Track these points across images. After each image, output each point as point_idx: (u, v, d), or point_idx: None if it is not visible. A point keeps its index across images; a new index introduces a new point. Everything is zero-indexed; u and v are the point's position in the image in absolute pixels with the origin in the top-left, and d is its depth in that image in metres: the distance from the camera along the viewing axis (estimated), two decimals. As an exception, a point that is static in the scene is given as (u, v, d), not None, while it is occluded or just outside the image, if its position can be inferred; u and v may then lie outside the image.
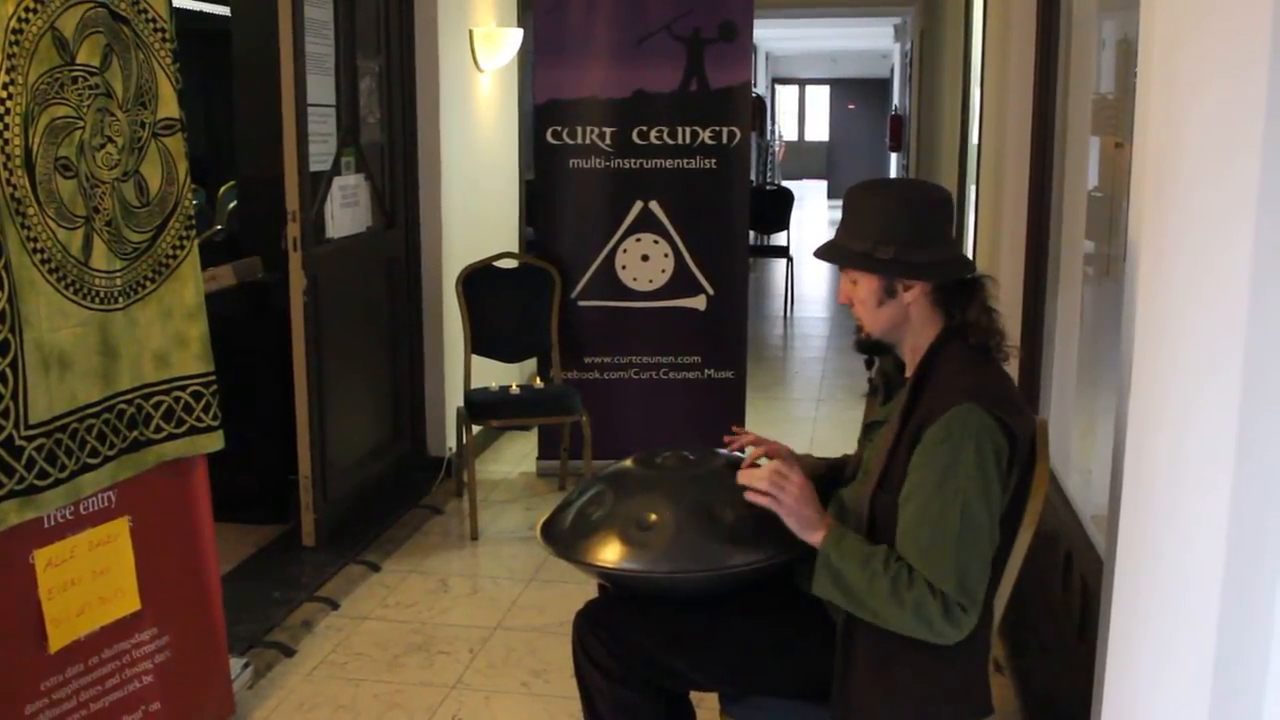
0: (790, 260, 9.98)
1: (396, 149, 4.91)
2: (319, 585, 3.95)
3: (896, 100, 16.82)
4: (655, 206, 4.99)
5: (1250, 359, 1.14)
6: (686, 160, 4.97)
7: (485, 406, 4.61)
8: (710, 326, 5.08)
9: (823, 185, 22.66)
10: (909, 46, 13.54)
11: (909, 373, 2.21)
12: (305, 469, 4.20)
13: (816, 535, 2.09)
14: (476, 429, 4.78)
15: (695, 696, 2.40)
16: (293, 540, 4.27)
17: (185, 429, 2.78)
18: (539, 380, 5.05)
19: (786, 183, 14.63)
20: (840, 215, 2.26)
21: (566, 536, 2.26)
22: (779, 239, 11.14)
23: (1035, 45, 3.67)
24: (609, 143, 4.96)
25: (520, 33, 5.71)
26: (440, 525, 4.65)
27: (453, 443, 5.05)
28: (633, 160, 4.97)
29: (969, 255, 3.49)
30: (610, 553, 2.17)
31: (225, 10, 5.06)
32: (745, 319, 5.22)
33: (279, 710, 3.19)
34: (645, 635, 2.23)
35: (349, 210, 4.58)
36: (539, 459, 5.25)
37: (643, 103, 4.94)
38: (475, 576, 4.19)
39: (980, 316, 2.14)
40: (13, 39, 2.26)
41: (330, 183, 4.40)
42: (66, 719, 2.53)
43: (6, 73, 2.25)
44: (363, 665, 3.45)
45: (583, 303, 5.05)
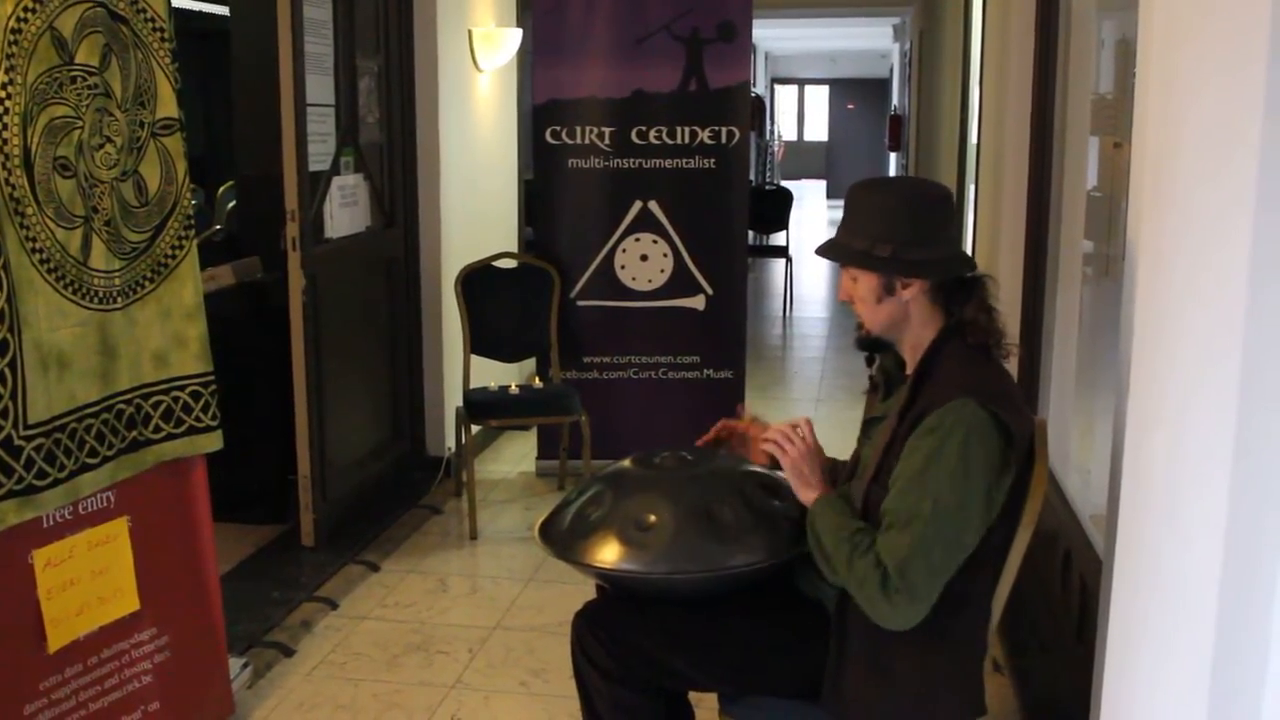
0: (789, 260, 9.98)
1: (395, 149, 4.91)
2: (318, 585, 3.95)
3: (896, 100, 16.82)
4: (654, 206, 4.99)
5: (1248, 358, 1.14)
6: (685, 160, 4.97)
7: (484, 406, 4.61)
8: (709, 326, 5.08)
9: (822, 185, 22.65)
10: (908, 46, 13.54)
11: (909, 370, 2.22)
12: (304, 469, 4.20)
13: (810, 494, 2.18)
14: (475, 429, 4.78)
15: (694, 696, 2.40)
16: (292, 540, 4.27)
17: (184, 429, 2.78)
18: (538, 380, 5.05)
19: (785, 183, 14.62)
20: (841, 214, 2.26)
21: (565, 537, 2.26)
22: (778, 239, 11.14)
23: (1034, 45, 3.68)
24: (608, 143, 4.96)
25: (519, 33, 5.71)
26: (439, 525, 4.65)
27: (452, 442, 5.05)
28: (632, 160, 4.97)
29: (969, 255, 3.49)
30: (609, 553, 2.17)
31: (224, 10, 5.06)
32: (744, 319, 5.21)
33: (278, 710, 3.19)
34: (644, 635, 2.24)
35: (348, 210, 4.58)
36: (538, 459, 5.25)
37: (642, 103, 4.94)
38: (474, 576, 4.19)
39: (979, 315, 2.14)
40: (11, 39, 2.26)
41: (329, 182, 4.39)
42: (65, 719, 2.53)
43: (5, 72, 2.25)
44: (362, 665, 3.45)
45: (582, 302, 5.05)
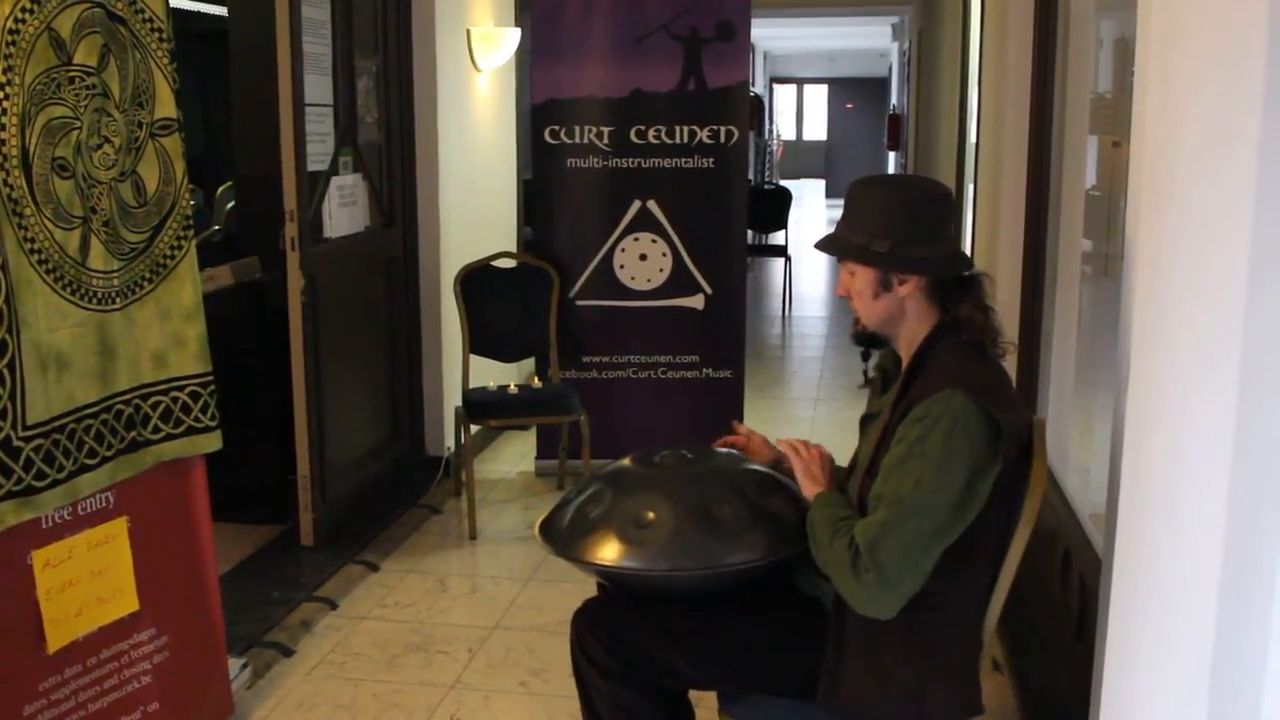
0: (788, 259, 9.98)
1: (394, 148, 4.91)
2: (318, 585, 3.94)
3: (894, 99, 16.82)
4: (653, 206, 4.99)
5: (1247, 357, 1.13)
6: (684, 159, 4.97)
7: (483, 406, 4.61)
8: (708, 326, 5.08)
9: (821, 184, 22.66)
10: (907, 46, 13.54)
11: (904, 366, 2.23)
12: (304, 469, 4.20)
13: (813, 489, 2.23)
14: (475, 428, 4.78)
15: (694, 695, 2.40)
16: (291, 540, 4.27)
17: (183, 429, 2.78)
18: (537, 380, 5.05)
19: (784, 182, 14.62)
20: (840, 213, 2.27)
21: (565, 535, 2.27)
22: (777, 238, 11.13)
23: (1033, 44, 3.68)
24: (607, 142, 4.96)
25: (518, 32, 5.71)
26: (439, 525, 4.65)
27: (451, 442, 5.05)
28: (631, 159, 4.97)
29: (967, 253, 3.49)
30: (608, 551, 2.18)
31: (222, 10, 5.06)
32: (743, 318, 5.21)
33: (278, 710, 3.19)
34: (644, 634, 2.24)
35: (347, 210, 4.57)
36: (537, 458, 5.25)
37: (641, 102, 4.94)
38: (474, 576, 4.19)
39: (975, 313, 2.15)
40: (9, 39, 2.25)
41: (328, 182, 4.39)
42: (65, 719, 2.53)
43: (3, 73, 2.25)
44: (361, 665, 3.45)
45: (581, 302, 5.05)
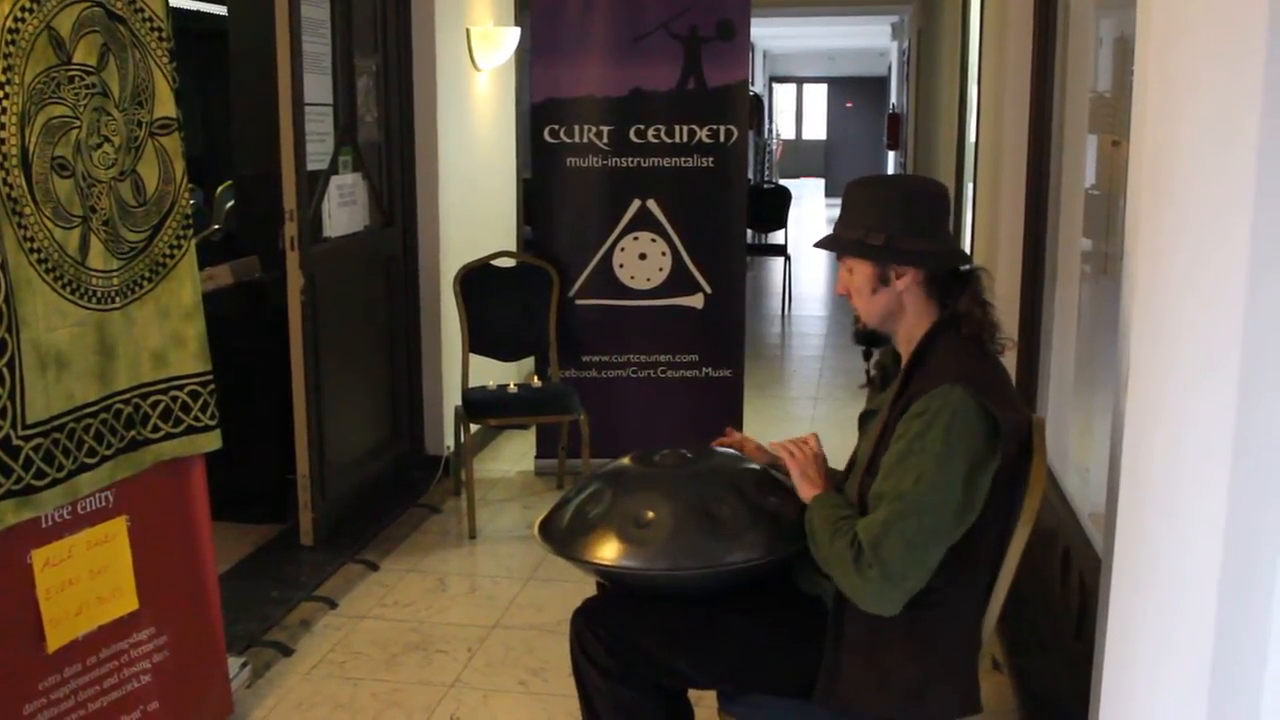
0: (788, 259, 9.98)
1: (394, 148, 4.91)
2: (317, 584, 3.94)
3: (894, 98, 16.82)
4: (653, 205, 4.99)
5: (1247, 356, 1.13)
6: (684, 159, 4.97)
7: (483, 405, 4.61)
8: (708, 325, 5.08)
9: (820, 184, 22.66)
10: (906, 45, 13.54)
11: (904, 362, 2.23)
12: (303, 468, 4.20)
13: (810, 492, 2.21)
14: (474, 428, 4.78)
15: (693, 695, 2.40)
16: (291, 539, 4.27)
17: (183, 428, 2.78)
18: (537, 379, 5.05)
19: (784, 181, 14.61)
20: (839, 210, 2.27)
21: (564, 534, 2.27)
22: (776, 237, 11.13)
23: (1033, 43, 3.68)
24: (606, 141, 4.96)
25: (517, 31, 5.70)
26: (438, 524, 4.65)
27: (451, 441, 5.05)
28: (630, 159, 4.96)
29: (966, 251, 3.50)
30: (608, 550, 2.18)
31: (222, 9, 5.06)
32: (743, 317, 5.21)
33: (277, 709, 3.19)
34: (643, 633, 2.24)
35: (346, 209, 4.57)
36: (537, 458, 5.25)
37: (640, 101, 4.94)
38: (473, 575, 4.19)
39: (973, 308, 2.16)
40: (9, 38, 2.25)
41: (327, 182, 4.39)
42: (65, 718, 2.53)
43: (3, 72, 2.24)
44: (361, 664, 3.45)
45: (580, 301, 5.05)
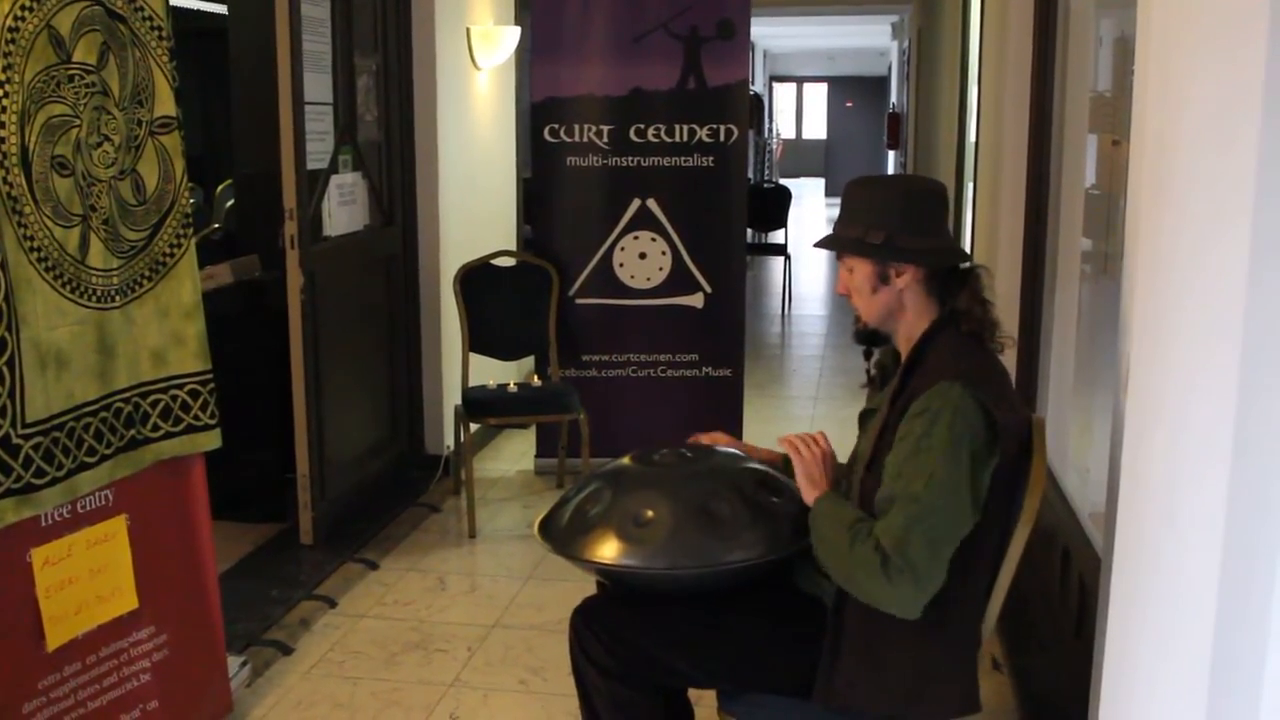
0: (788, 258, 9.98)
1: (394, 147, 4.91)
2: (317, 583, 3.94)
3: (894, 98, 16.82)
4: (653, 204, 4.99)
5: (1247, 355, 1.13)
6: (684, 158, 4.97)
7: (483, 404, 4.61)
8: (708, 324, 5.08)
9: (820, 183, 22.66)
10: (906, 44, 13.53)
11: (904, 360, 2.23)
12: (303, 467, 4.20)
13: (813, 493, 2.18)
14: (474, 427, 4.78)
15: (693, 694, 2.40)
16: (290, 538, 4.27)
17: (183, 427, 2.78)
18: (537, 378, 5.05)
19: (784, 181, 14.62)
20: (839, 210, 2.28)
21: (564, 533, 2.27)
22: (777, 237, 11.13)
23: (1033, 43, 3.67)
24: (606, 140, 4.96)
25: (518, 30, 5.70)
26: (438, 523, 4.65)
27: (450, 441, 5.05)
28: (630, 158, 4.96)
29: (966, 250, 3.50)
30: (608, 549, 2.18)
31: (222, 9, 5.05)
32: (743, 317, 5.22)
33: (277, 708, 3.19)
34: (643, 633, 2.24)
35: (346, 208, 4.57)
36: (537, 457, 5.25)
37: (640, 100, 4.94)
38: (473, 574, 4.19)
39: (973, 306, 2.16)
40: (9, 37, 2.25)
41: (328, 181, 4.39)
42: (64, 717, 2.53)
43: (3, 71, 2.24)
44: (360, 663, 3.45)
45: (580, 300, 5.05)
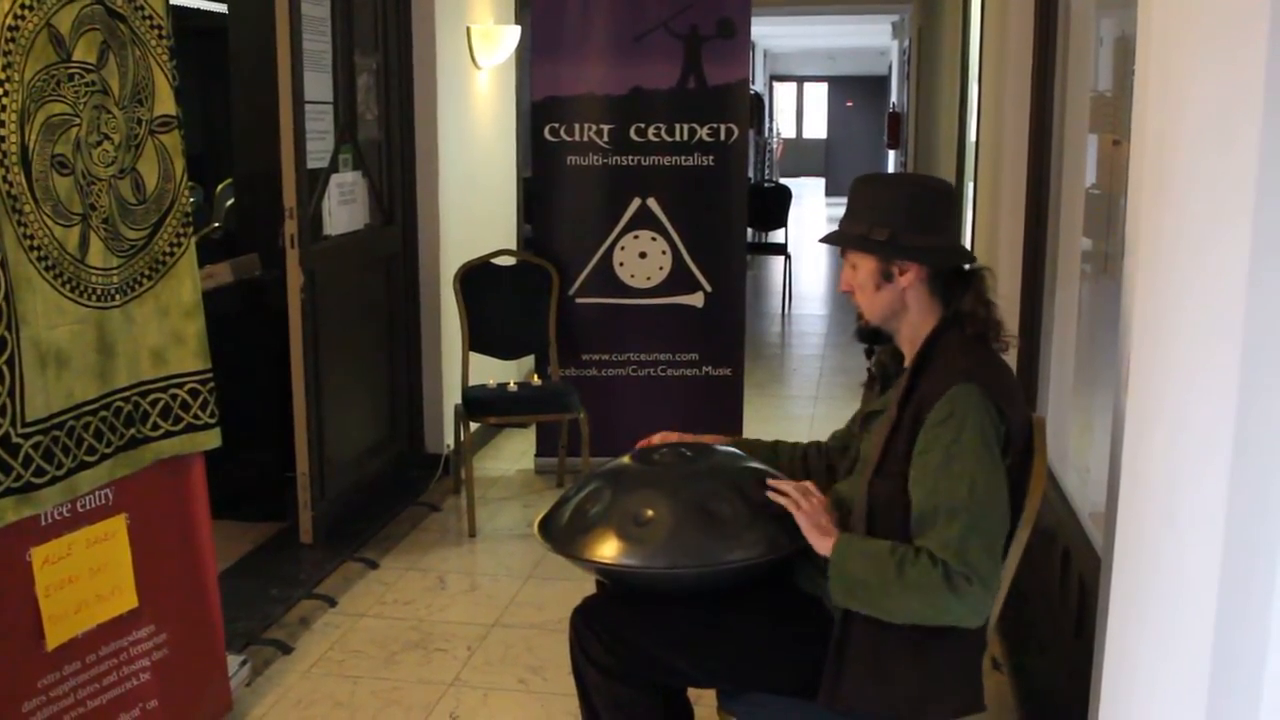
0: (788, 257, 9.98)
1: (394, 146, 4.91)
2: (317, 582, 3.94)
3: (894, 97, 16.81)
4: (653, 203, 4.99)
5: (1247, 355, 1.13)
6: (684, 157, 4.97)
7: (483, 404, 4.61)
8: (708, 323, 5.08)
9: (820, 183, 22.66)
10: (907, 44, 13.53)
11: (908, 362, 2.22)
12: (303, 466, 4.20)
13: (827, 543, 2.11)
14: (474, 426, 4.78)
15: (693, 693, 2.40)
16: (290, 537, 4.27)
17: (182, 426, 2.78)
18: (537, 377, 5.05)
19: (784, 180, 14.62)
20: (840, 211, 2.27)
21: (564, 533, 2.26)
22: (777, 236, 11.13)
23: (1033, 42, 3.67)
24: (607, 140, 4.96)
25: (518, 30, 5.70)
26: (438, 522, 4.65)
27: (450, 440, 5.05)
28: (630, 157, 4.96)
29: (970, 250, 3.50)
30: (607, 549, 2.18)
31: (222, 7, 5.05)
32: (743, 316, 5.21)
33: (277, 707, 3.19)
34: (642, 632, 2.23)
35: (346, 207, 4.57)
36: (537, 456, 5.25)
37: (640, 100, 4.94)
38: (473, 574, 4.19)
39: (977, 307, 2.16)
40: (9, 36, 2.25)
41: (328, 180, 4.39)
42: (64, 716, 2.53)
43: (3, 70, 2.24)
44: (360, 662, 3.45)
45: (580, 300, 5.05)
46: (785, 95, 25.51)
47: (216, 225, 5.41)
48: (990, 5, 5.14)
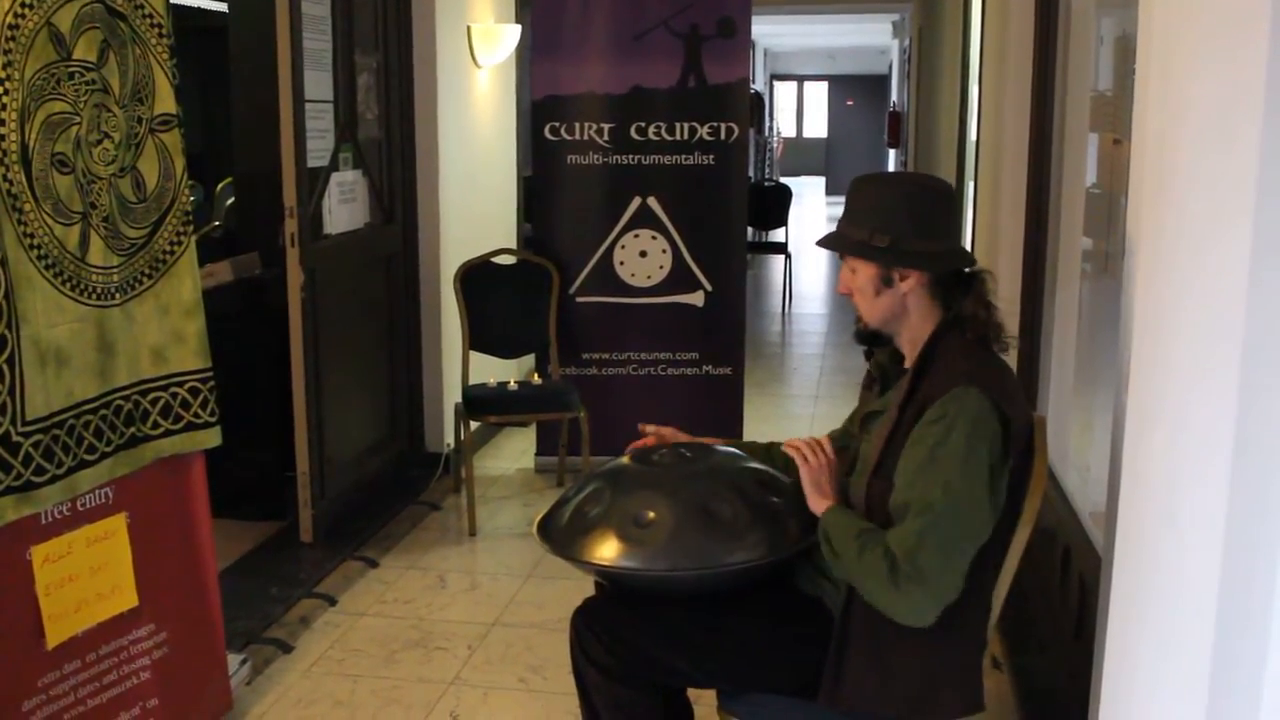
0: (788, 257, 9.98)
1: (394, 145, 4.91)
2: (317, 581, 3.94)
3: (895, 96, 16.81)
4: (653, 202, 4.99)
5: (1248, 354, 1.13)
6: (684, 156, 4.97)
7: (483, 403, 4.61)
8: (708, 323, 5.08)
9: (821, 182, 22.65)
10: (907, 43, 13.53)
11: (908, 364, 2.22)
12: (303, 465, 4.20)
13: (823, 504, 2.16)
14: (474, 425, 4.78)
15: (693, 693, 2.40)
16: (290, 536, 4.27)
17: (183, 425, 2.78)
18: (537, 376, 5.05)
19: (785, 179, 14.62)
20: (840, 211, 2.26)
21: (564, 534, 2.26)
22: (777, 235, 11.13)
23: (1034, 41, 3.67)
24: (607, 138, 4.95)
25: (518, 29, 5.70)
26: (438, 521, 4.65)
27: (451, 439, 5.05)
28: (631, 156, 4.96)
29: (969, 251, 3.50)
30: (607, 550, 2.17)
31: (223, 6, 5.06)
32: (743, 315, 5.21)
33: (277, 706, 3.19)
34: (643, 633, 2.23)
35: (347, 206, 4.57)
36: (537, 455, 5.25)
37: (641, 98, 4.93)
38: (473, 573, 4.19)
39: (978, 310, 2.15)
40: (9, 34, 2.25)
41: (328, 179, 4.39)
42: (64, 715, 2.53)
43: (3, 68, 2.24)
44: (360, 661, 3.45)
45: (581, 299, 5.05)
46: (785, 94, 25.50)
47: (217, 224, 5.41)
48: (991, 4, 5.13)
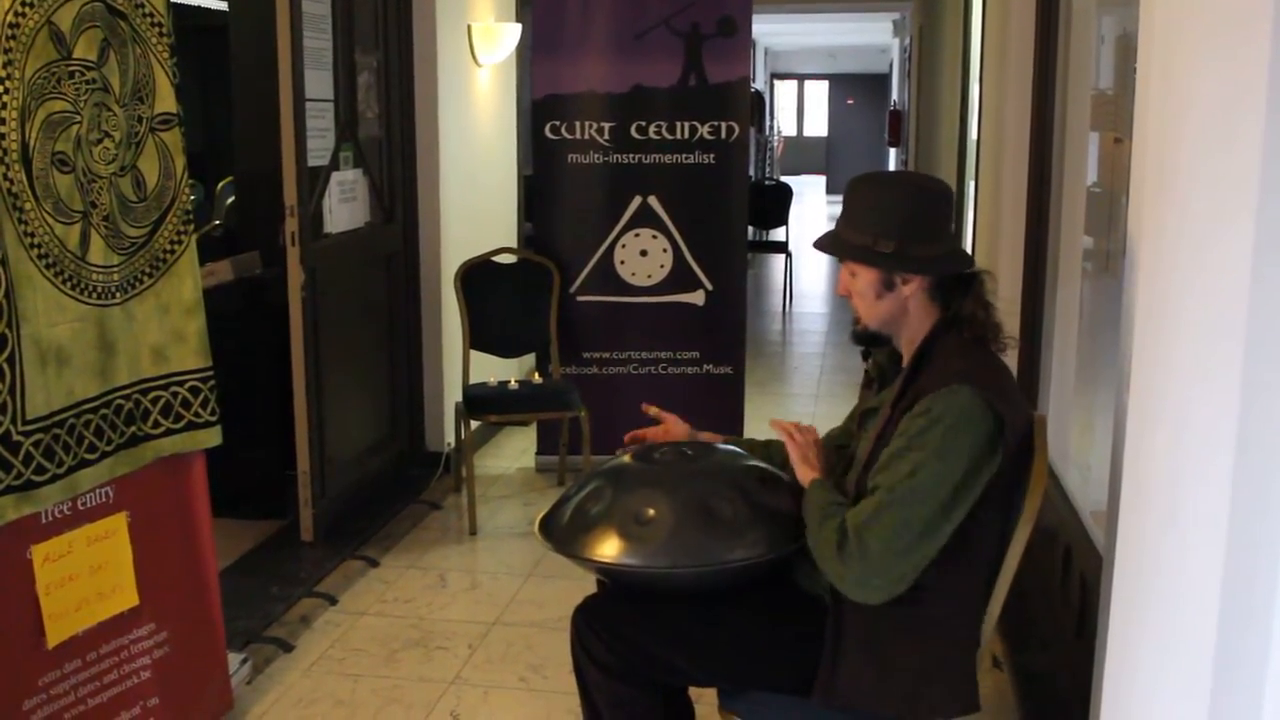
0: (789, 256, 9.98)
1: (395, 144, 4.91)
2: (317, 581, 3.94)
3: (895, 95, 16.81)
4: (654, 201, 4.99)
5: (1250, 353, 1.13)
6: (685, 155, 4.97)
7: (484, 402, 4.61)
8: (709, 322, 5.08)
9: (821, 180, 22.66)
10: (908, 42, 13.53)
11: (905, 362, 2.22)
12: (304, 464, 4.20)
13: (810, 474, 2.22)
14: (475, 424, 4.77)
15: (694, 692, 2.40)
16: (291, 536, 4.27)
17: (183, 424, 2.78)
18: (537, 375, 5.05)
19: (785, 178, 14.62)
20: (841, 206, 2.26)
21: (565, 532, 2.26)
22: (778, 234, 11.13)
23: (1034, 40, 3.67)
24: (607, 138, 4.95)
25: (519, 28, 5.70)
26: (439, 521, 4.65)
27: (451, 438, 5.05)
28: (631, 155, 4.96)
29: (968, 250, 3.50)
30: (608, 548, 2.17)
31: (223, 5, 5.05)
32: (744, 314, 5.21)
33: (277, 705, 3.19)
34: (643, 631, 2.23)
35: (347, 205, 4.57)
36: (538, 454, 5.25)
37: (641, 98, 4.93)
38: (474, 572, 4.19)
39: (977, 310, 2.15)
40: (9, 33, 2.25)
41: (328, 178, 4.39)
42: (64, 715, 2.53)
43: (3, 67, 2.24)
44: (361, 661, 3.45)
45: (581, 298, 5.05)
46: (786, 93, 25.50)
47: (217, 223, 5.41)
48: (991, 3, 5.13)
